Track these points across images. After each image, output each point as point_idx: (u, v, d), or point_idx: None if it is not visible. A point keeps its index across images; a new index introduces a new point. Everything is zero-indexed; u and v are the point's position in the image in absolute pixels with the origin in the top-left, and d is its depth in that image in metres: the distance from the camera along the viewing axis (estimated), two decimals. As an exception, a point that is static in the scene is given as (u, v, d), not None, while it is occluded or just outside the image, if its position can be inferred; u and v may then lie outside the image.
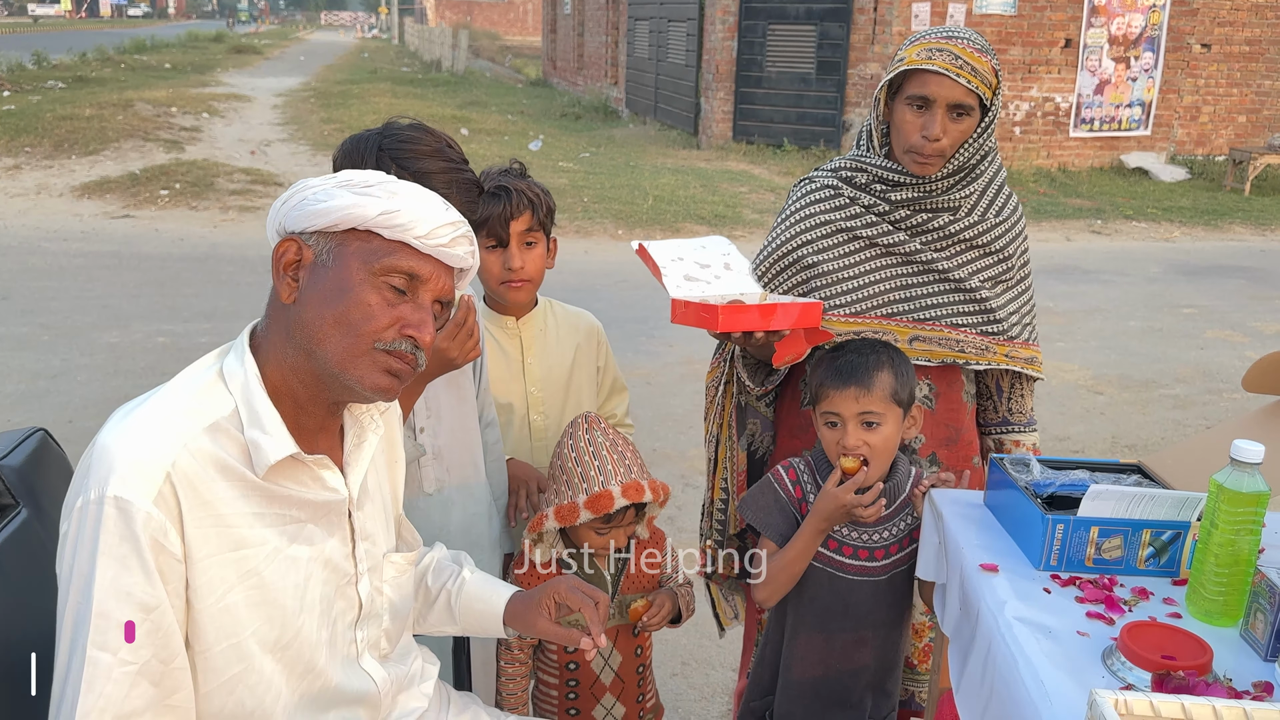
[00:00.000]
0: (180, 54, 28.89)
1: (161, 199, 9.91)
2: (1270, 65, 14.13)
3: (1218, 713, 1.14)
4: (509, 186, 2.11)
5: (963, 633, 1.65)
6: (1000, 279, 2.11)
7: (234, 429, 1.30)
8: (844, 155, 2.18)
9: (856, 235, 2.09)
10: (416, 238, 1.32)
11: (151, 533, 1.20)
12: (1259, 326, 7.14)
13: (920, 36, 1.96)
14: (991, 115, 1.96)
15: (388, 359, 1.32)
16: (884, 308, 2.08)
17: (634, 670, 2.06)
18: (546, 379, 2.26)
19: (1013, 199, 2.14)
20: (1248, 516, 1.47)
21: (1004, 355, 2.10)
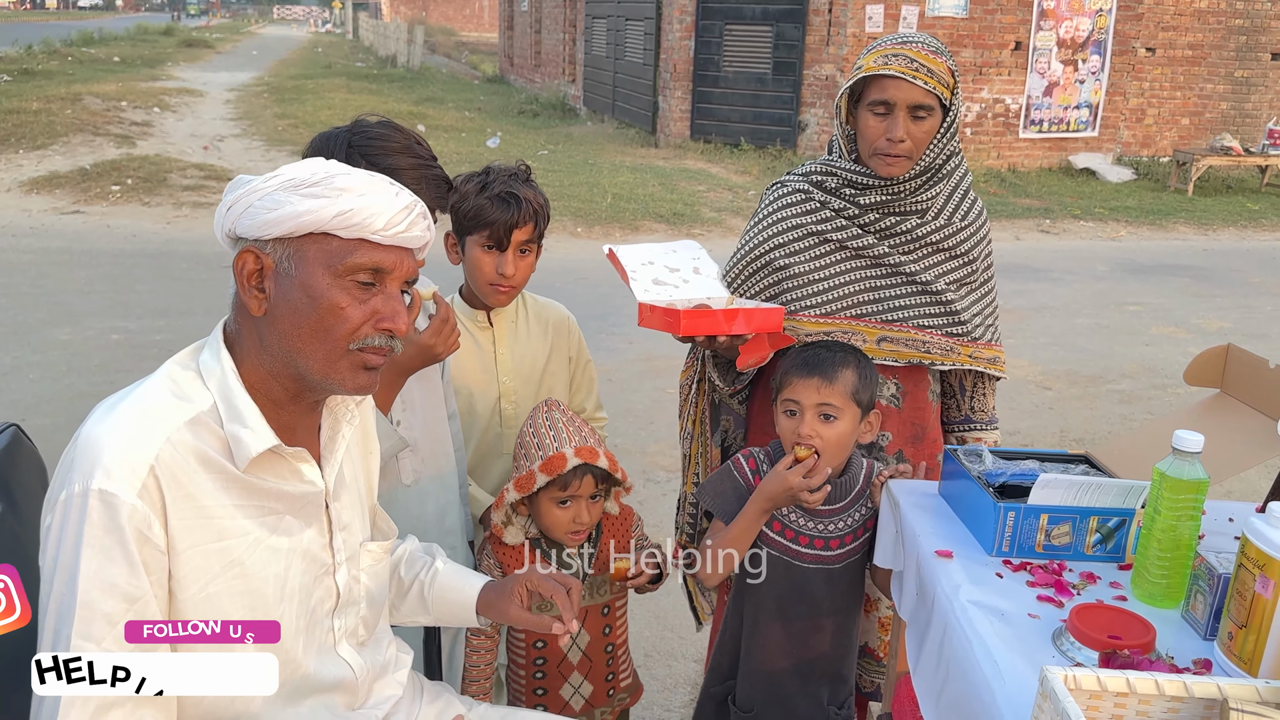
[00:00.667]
0: (129, 47, 28.40)
1: (113, 194, 9.77)
2: (1212, 69, 14.49)
3: (1160, 686, 1.21)
4: (519, 195, 2.11)
5: (919, 617, 1.71)
6: (965, 282, 2.18)
7: (214, 423, 1.32)
8: (815, 160, 2.24)
9: (827, 239, 2.15)
10: (375, 232, 1.32)
11: (136, 525, 1.23)
12: (1202, 323, 7.34)
13: (877, 45, 2.02)
14: (953, 115, 2.02)
15: (363, 356, 1.35)
16: (853, 309, 2.14)
17: (602, 650, 2.08)
18: (518, 369, 2.29)
19: (978, 203, 2.20)
20: (1188, 503, 1.54)
21: (968, 356, 2.17)
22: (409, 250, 1.40)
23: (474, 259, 2.15)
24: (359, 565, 1.51)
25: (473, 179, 2.14)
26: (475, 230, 2.13)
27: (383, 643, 1.60)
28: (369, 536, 1.56)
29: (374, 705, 1.53)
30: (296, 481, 1.40)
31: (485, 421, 2.30)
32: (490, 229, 2.10)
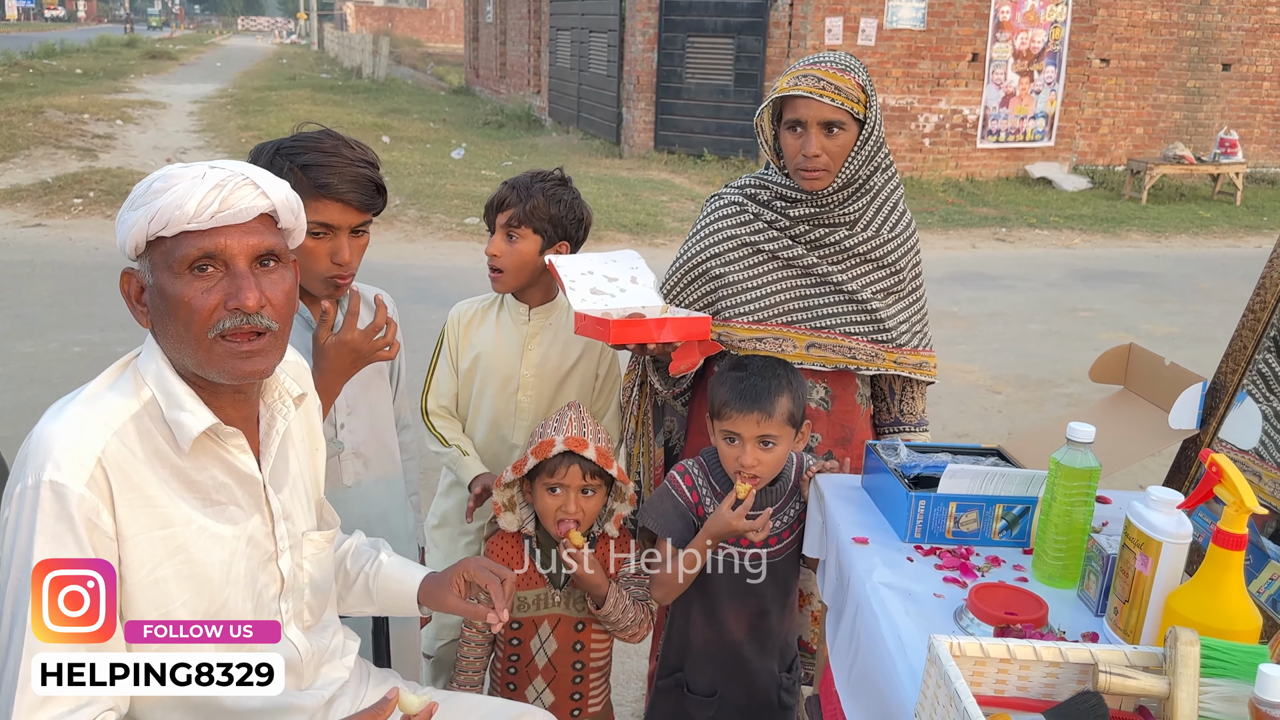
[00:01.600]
0: (92, 59, 28.21)
1: (75, 208, 9.76)
2: (1165, 80, 14.81)
3: (1037, 652, 1.33)
4: (513, 184, 2.30)
5: (838, 600, 1.82)
6: (892, 290, 2.29)
7: (155, 416, 1.41)
8: (750, 174, 2.35)
9: (759, 249, 2.26)
10: (189, 221, 1.33)
11: (85, 513, 1.31)
12: (1150, 329, 7.53)
13: (792, 67, 2.15)
14: (869, 128, 2.13)
15: (226, 344, 1.37)
16: (784, 316, 2.25)
17: (569, 664, 2.12)
18: (540, 367, 2.39)
19: (906, 215, 2.31)
20: (1081, 489, 1.66)
21: (892, 361, 2.28)
22: (241, 225, 1.38)
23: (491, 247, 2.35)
24: (302, 553, 1.59)
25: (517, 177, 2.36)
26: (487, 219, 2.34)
27: (329, 629, 1.68)
28: (314, 527, 1.65)
29: (320, 686, 1.61)
30: (236, 471, 1.48)
31: (500, 406, 2.40)
32: (484, 214, 2.33)
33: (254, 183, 1.40)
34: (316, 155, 1.82)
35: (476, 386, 2.41)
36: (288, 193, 1.45)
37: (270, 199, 1.41)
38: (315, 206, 1.82)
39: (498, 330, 2.41)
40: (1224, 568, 1.36)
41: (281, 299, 1.42)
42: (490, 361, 2.39)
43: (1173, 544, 1.45)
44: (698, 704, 2.19)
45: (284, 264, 1.45)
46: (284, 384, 1.57)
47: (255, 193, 1.39)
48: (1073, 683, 1.34)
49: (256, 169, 1.43)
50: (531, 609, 2.09)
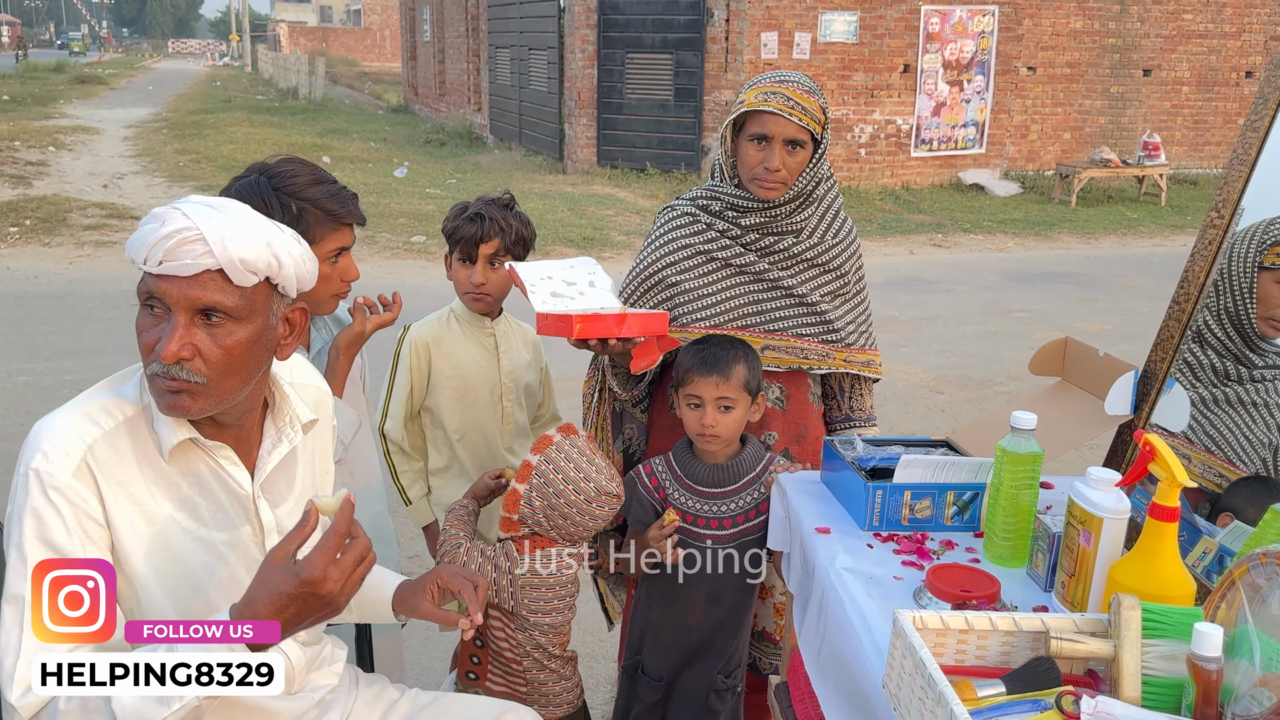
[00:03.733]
0: (19, 85, 27.64)
1: (11, 236, 9.59)
2: (1089, 86, 15.27)
3: (994, 622, 1.43)
4: (485, 214, 2.42)
5: (804, 588, 1.92)
6: (838, 293, 2.41)
7: (144, 425, 1.48)
8: (701, 185, 2.46)
9: (713, 257, 2.36)
10: (144, 266, 1.39)
11: (70, 498, 1.39)
12: (1084, 326, 7.77)
13: (757, 81, 2.26)
14: (822, 148, 2.27)
15: (159, 382, 1.41)
16: (738, 320, 2.36)
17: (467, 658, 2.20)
18: (514, 372, 2.58)
19: (848, 222, 2.44)
20: (1026, 473, 1.77)
21: (843, 360, 2.39)
22: (185, 279, 1.37)
23: (454, 272, 2.50)
24: None
25: (465, 205, 2.48)
26: (453, 246, 2.45)
27: (318, 641, 1.74)
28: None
29: (310, 690, 1.67)
30: (226, 480, 1.53)
31: (489, 415, 2.56)
32: (461, 245, 2.43)
33: (204, 239, 1.37)
34: (317, 189, 1.93)
35: (463, 403, 2.51)
36: (245, 254, 1.40)
37: (217, 258, 1.38)
38: (335, 236, 1.96)
39: (468, 345, 2.53)
40: (1160, 538, 1.48)
41: (218, 355, 1.41)
42: (473, 378, 2.52)
43: (1113, 519, 1.56)
44: (647, 686, 2.31)
45: (235, 320, 1.42)
46: (295, 408, 1.62)
47: (202, 250, 1.37)
48: (1027, 650, 1.44)
49: (225, 224, 1.40)
50: None
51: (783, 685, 2.23)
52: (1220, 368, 1.98)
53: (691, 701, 2.28)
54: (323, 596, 1.32)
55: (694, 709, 2.29)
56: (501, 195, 2.53)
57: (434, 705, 1.81)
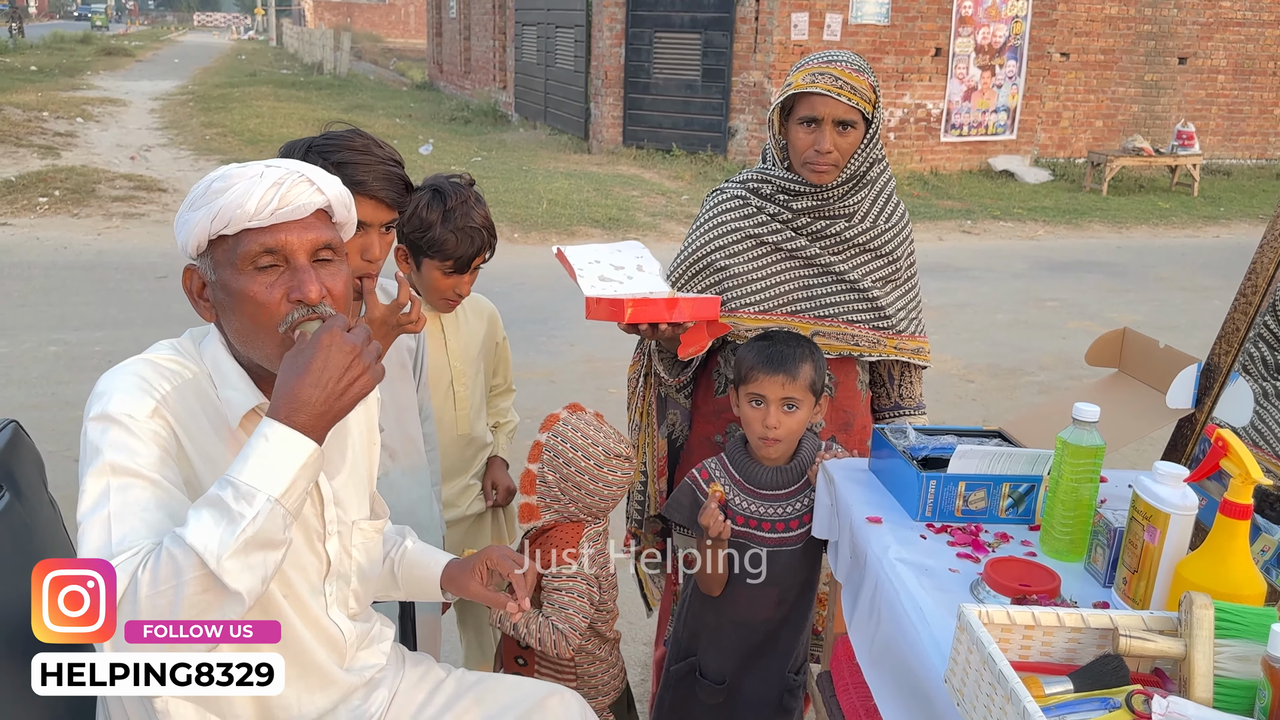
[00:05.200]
0: (47, 56, 27.73)
1: (40, 206, 9.63)
2: (1123, 73, 15.07)
3: (1061, 619, 1.40)
4: (478, 226, 2.28)
5: (853, 577, 1.89)
6: (889, 279, 2.36)
7: (209, 388, 1.47)
8: (751, 169, 2.42)
9: (763, 241, 2.32)
10: (250, 219, 1.39)
11: (153, 430, 1.37)
12: (1115, 317, 7.69)
13: (805, 63, 2.21)
14: (874, 127, 2.22)
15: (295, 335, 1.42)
16: (787, 306, 2.32)
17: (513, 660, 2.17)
18: (464, 354, 2.50)
19: (900, 206, 2.40)
20: (1087, 467, 1.74)
21: (893, 347, 2.36)
22: (307, 221, 1.43)
23: (432, 278, 2.31)
24: (351, 540, 1.63)
25: (432, 206, 2.26)
26: (435, 256, 2.28)
27: (370, 618, 1.73)
28: (366, 516, 1.69)
29: (359, 670, 1.66)
30: None
31: (442, 403, 2.48)
32: (456, 260, 2.28)
33: (309, 179, 1.45)
34: (349, 154, 1.85)
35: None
36: (340, 188, 1.50)
37: (325, 195, 1.46)
38: None
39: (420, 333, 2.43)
40: (1231, 536, 1.44)
41: (340, 290, 1.47)
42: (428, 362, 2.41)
43: (1180, 515, 1.52)
44: (708, 689, 2.25)
45: (340, 257, 1.49)
46: None
47: (311, 189, 1.44)
48: (1093, 647, 1.41)
49: (309, 166, 1.48)
50: None
51: (825, 675, 2.21)
52: (1272, 361, 1.94)
53: (763, 702, 2.24)
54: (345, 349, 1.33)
55: (767, 709, 2.25)
56: (464, 183, 2.35)
57: (480, 685, 1.80)
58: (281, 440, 1.29)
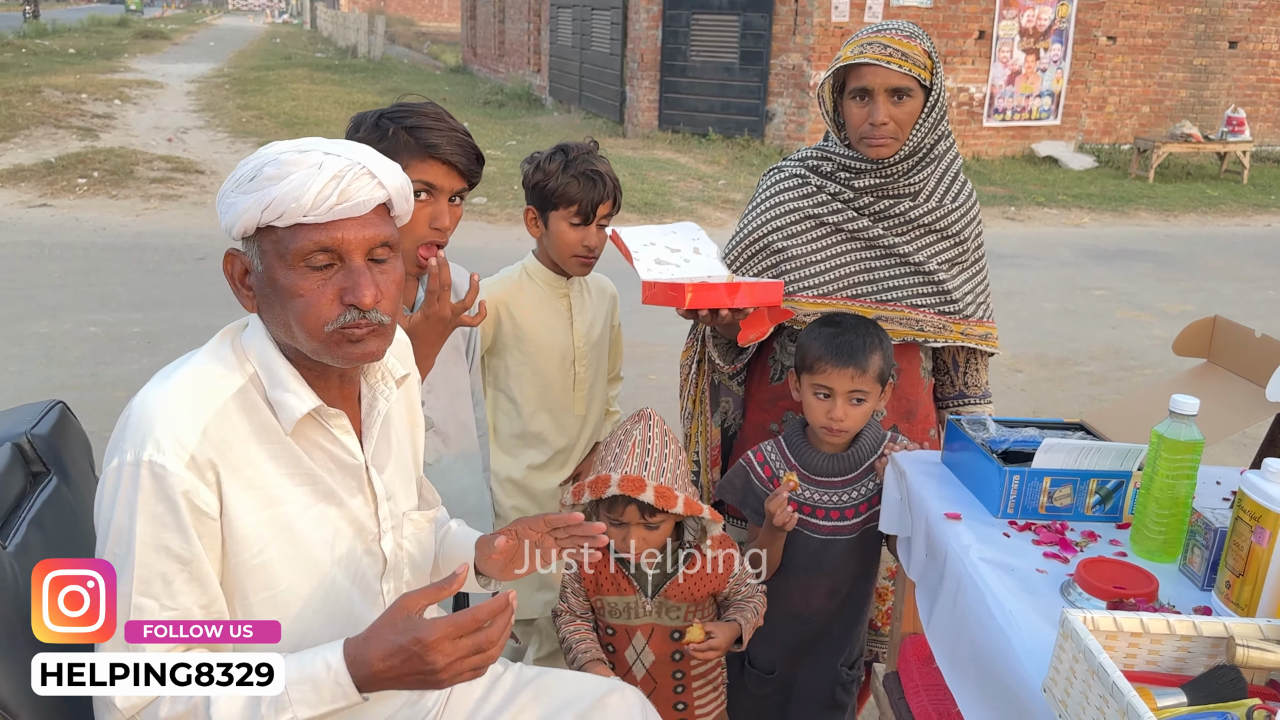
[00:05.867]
0: (84, 39, 27.92)
1: (80, 187, 9.67)
2: (1172, 57, 14.74)
3: (1171, 625, 1.30)
4: (601, 172, 2.26)
5: (929, 576, 1.80)
6: (956, 261, 2.26)
7: (258, 394, 1.38)
8: (809, 146, 2.32)
9: (823, 221, 2.22)
10: (306, 213, 1.30)
11: (185, 493, 1.28)
12: (1165, 307, 7.52)
13: (854, 36, 2.12)
14: (935, 94, 2.10)
15: (342, 335, 1.35)
16: (849, 290, 2.22)
17: (668, 675, 2.04)
18: (588, 335, 2.45)
19: (968, 186, 2.28)
20: (1185, 463, 1.63)
21: (960, 333, 2.25)
22: (358, 219, 1.34)
23: (559, 233, 2.29)
24: (403, 533, 1.57)
25: (553, 158, 2.27)
26: (561, 206, 2.26)
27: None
28: (415, 506, 1.62)
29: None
30: (339, 453, 1.45)
31: (560, 382, 2.43)
32: (577, 205, 2.24)
33: (371, 172, 1.35)
34: (422, 118, 1.81)
35: (532, 364, 2.38)
36: (402, 178, 1.42)
37: (387, 189, 1.37)
38: (420, 167, 1.81)
39: (541, 308, 2.39)
40: (1355, 540, 1.34)
41: (393, 290, 1.40)
42: (544, 338, 2.39)
43: (1293, 517, 1.42)
44: (756, 679, 2.18)
45: (396, 254, 1.42)
46: (388, 364, 1.54)
47: (373, 184, 1.35)
48: (1204, 656, 1.32)
49: (371, 154, 1.38)
50: (622, 616, 2.02)
51: (892, 676, 2.12)
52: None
53: (815, 695, 2.17)
54: (428, 663, 1.28)
55: (819, 703, 2.17)
56: (588, 143, 2.36)
57: (538, 681, 1.73)
58: (336, 682, 1.30)
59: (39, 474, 1.54)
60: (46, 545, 1.44)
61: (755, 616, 2.00)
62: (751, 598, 2.03)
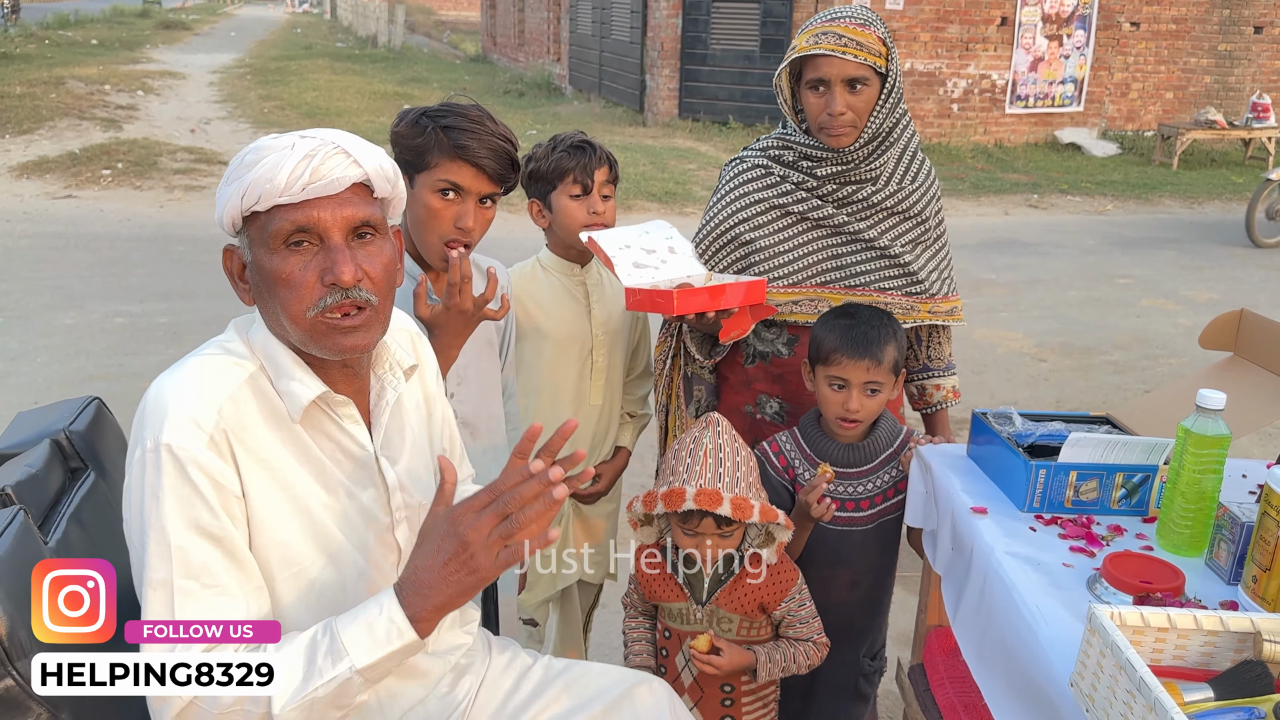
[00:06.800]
0: (106, 29, 28.07)
1: (104, 178, 9.75)
2: (1196, 43, 14.58)
3: (1198, 621, 1.31)
4: (592, 142, 2.29)
5: (955, 570, 1.80)
6: (919, 240, 2.27)
7: (266, 384, 1.40)
8: (769, 134, 2.32)
9: (788, 211, 2.23)
10: (281, 194, 1.31)
11: (208, 472, 1.30)
12: (1191, 295, 7.46)
13: (809, 24, 2.12)
14: (891, 81, 2.12)
15: (326, 320, 1.35)
16: (818, 277, 2.24)
17: (716, 686, 2.01)
18: (606, 324, 2.44)
19: (926, 164, 2.30)
20: (1212, 457, 1.64)
21: (927, 312, 2.27)
22: (334, 197, 1.35)
23: (564, 210, 2.31)
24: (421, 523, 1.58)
25: (539, 146, 2.31)
26: (559, 182, 2.29)
27: None
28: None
29: (445, 652, 1.61)
30: (348, 443, 1.46)
31: (578, 370, 2.43)
32: (573, 174, 2.27)
33: (345, 151, 1.36)
34: (460, 119, 1.84)
35: (548, 354, 2.39)
36: (383, 160, 1.41)
37: (363, 167, 1.37)
38: (449, 166, 1.84)
39: (557, 296, 2.40)
40: (1384, 536, 1.34)
41: (380, 271, 1.39)
42: (563, 327, 2.40)
43: (1321, 512, 1.42)
44: None
45: (382, 235, 1.41)
46: (395, 355, 1.55)
47: (347, 161, 1.35)
48: (1230, 652, 1.32)
49: (349, 136, 1.39)
50: (677, 621, 2.01)
51: (918, 668, 2.13)
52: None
53: (839, 687, 2.18)
54: (461, 546, 1.27)
55: (843, 694, 2.19)
56: (574, 132, 2.38)
57: (568, 673, 1.74)
58: (391, 621, 1.30)
59: (77, 470, 1.57)
60: (86, 540, 1.46)
61: (786, 660, 1.97)
62: (801, 640, 1.99)
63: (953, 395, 2.39)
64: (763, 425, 2.30)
